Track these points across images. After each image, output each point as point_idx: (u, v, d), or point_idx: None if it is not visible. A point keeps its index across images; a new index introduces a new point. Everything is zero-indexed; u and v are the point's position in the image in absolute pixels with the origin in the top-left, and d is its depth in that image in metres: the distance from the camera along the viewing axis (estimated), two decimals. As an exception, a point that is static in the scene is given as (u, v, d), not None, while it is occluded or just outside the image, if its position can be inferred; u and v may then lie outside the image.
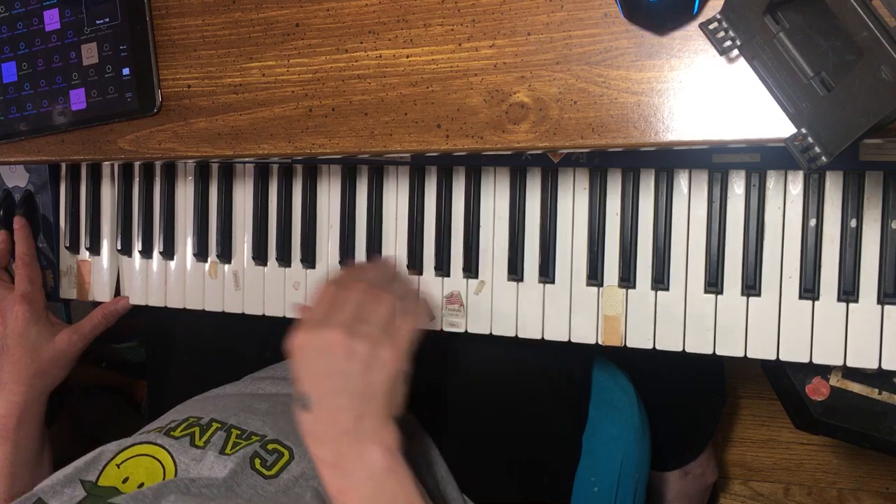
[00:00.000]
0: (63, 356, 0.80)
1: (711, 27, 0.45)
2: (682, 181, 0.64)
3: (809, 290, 0.61)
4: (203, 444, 0.62)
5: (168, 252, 0.80)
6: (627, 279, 0.65)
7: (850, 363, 0.61)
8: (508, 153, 0.57)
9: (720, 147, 0.54)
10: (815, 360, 0.61)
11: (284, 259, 0.76)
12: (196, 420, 0.65)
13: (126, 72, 0.62)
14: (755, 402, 1.26)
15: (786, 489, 1.26)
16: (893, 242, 0.59)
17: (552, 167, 0.67)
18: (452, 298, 0.71)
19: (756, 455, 1.26)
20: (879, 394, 0.65)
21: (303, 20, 0.56)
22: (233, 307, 0.78)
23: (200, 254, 0.79)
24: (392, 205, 0.73)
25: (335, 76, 0.55)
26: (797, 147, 0.43)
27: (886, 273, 0.59)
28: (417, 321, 0.59)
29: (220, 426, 0.64)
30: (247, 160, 0.75)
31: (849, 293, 0.60)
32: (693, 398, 0.98)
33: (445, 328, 0.71)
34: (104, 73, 0.59)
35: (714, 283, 0.63)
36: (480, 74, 0.52)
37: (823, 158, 0.43)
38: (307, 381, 0.56)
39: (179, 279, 0.80)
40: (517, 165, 0.68)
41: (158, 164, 0.80)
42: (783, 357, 0.62)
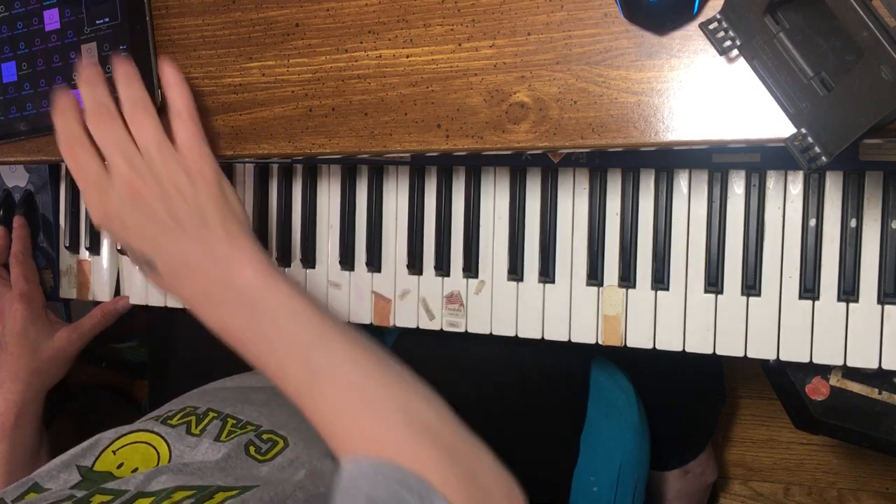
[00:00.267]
0: (62, 354, 0.80)
1: (711, 27, 0.45)
2: (682, 181, 0.64)
3: (809, 290, 0.61)
4: (199, 433, 0.62)
5: (168, 252, 0.80)
6: (627, 279, 0.65)
7: (850, 363, 0.61)
8: (508, 153, 0.57)
9: (720, 147, 0.54)
10: (815, 360, 0.61)
11: (284, 259, 0.76)
12: (193, 409, 0.66)
13: (126, 72, 0.62)
14: (755, 402, 1.26)
15: (786, 489, 1.26)
16: (893, 242, 0.59)
17: (552, 167, 0.67)
18: (452, 298, 0.71)
19: (756, 455, 1.26)
20: (879, 394, 0.65)
21: (303, 20, 0.56)
22: (233, 307, 0.78)
23: (200, 254, 0.79)
24: (392, 205, 0.73)
25: (335, 76, 0.55)
26: (797, 147, 0.43)
27: (886, 273, 0.59)
28: (189, 129, 0.55)
29: (217, 415, 0.64)
30: (246, 160, 0.75)
31: (849, 293, 0.60)
32: (692, 398, 0.99)
33: (445, 328, 0.71)
34: (104, 73, 0.59)
35: (714, 283, 0.63)
36: (480, 74, 0.52)
37: (823, 158, 0.43)
38: (136, 242, 0.54)
39: (179, 279, 0.80)
40: (517, 165, 0.68)
41: (158, 164, 0.80)
42: (783, 357, 0.62)
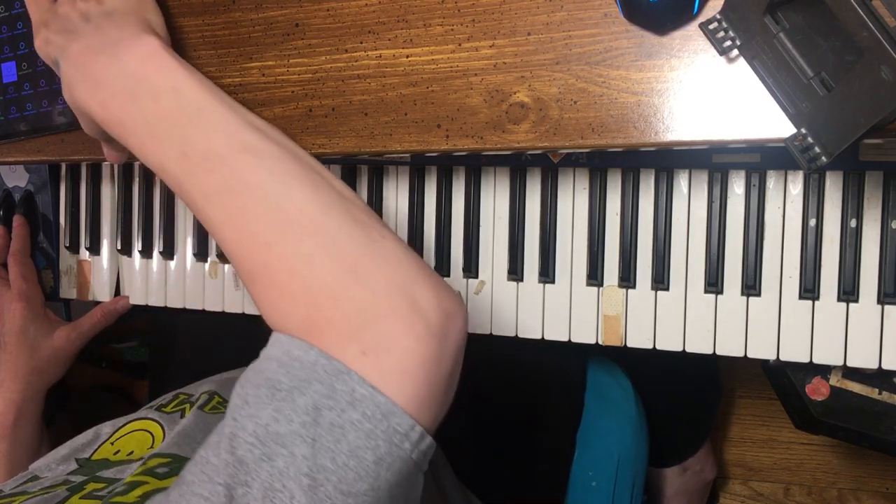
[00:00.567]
0: (61, 353, 0.80)
1: (711, 27, 0.45)
2: (682, 181, 0.64)
3: (809, 290, 0.61)
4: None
5: (168, 252, 0.80)
6: (627, 279, 0.65)
7: (850, 363, 0.61)
8: (508, 153, 0.57)
9: (720, 147, 0.54)
10: (815, 360, 0.61)
11: (284, 259, 0.76)
12: (187, 397, 0.67)
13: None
14: (755, 402, 1.26)
15: (786, 489, 1.25)
16: (893, 242, 0.59)
17: (552, 167, 0.67)
18: (452, 298, 0.71)
19: (756, 455, 1.26)
20: (879, 394, 0.65)
21: (303, 20, 0.56)
22: (233, 307, 0.78)
23: (200, 254, 0.79)
24: (392, 205, 0.73)
25: (335, 76, 0.55)
26: (797, 147, 0.43)
27: (886, 273, 0.59)
28: None
29: (207, 394, 0.65)
30: (247, 160, 0.75)
31: (849, 293, 0.60)
32: (689, 394, 0.99)
33: (445, 328, 0.71)
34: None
35: (714, 283, 0.63)
36: (480, 74, 0.52)
37: (823, 158, 0.43)
38: (53, 50, 0.53)
39: (179, 279, 0.80)
40: (517, 165, 0.68)
41: (158, 164, 0.80)
42: (783, 357, 0.62)
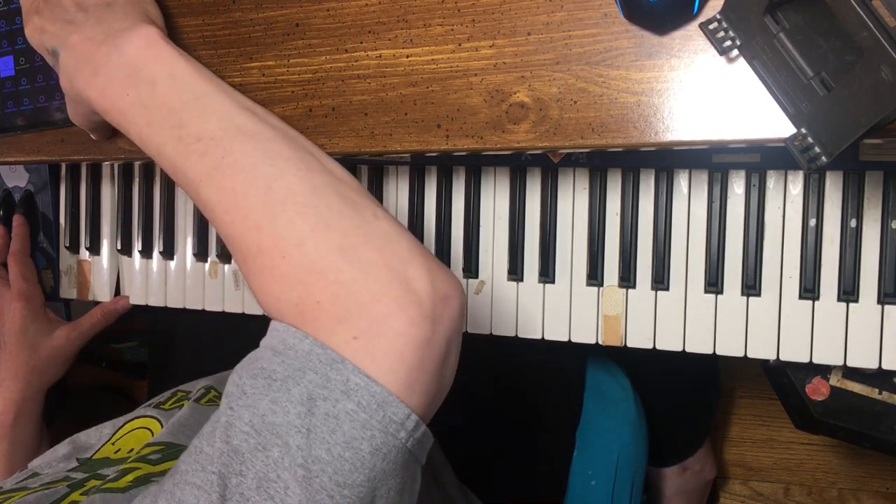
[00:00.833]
0: (61, 353, 0.80)
1: (711, 27, 0.45)
2: (682, 181, 0.64)
3: (809, 290, 0.61)
4: None
5: (168, 252, 0.80)
6: (627, 279, 0.65)
7: (850, 363, 0.61)
8: (508, 153, 0.57)
9: (720, 147, 0.54)
10: (815, 360, 0.61)
11: (284, 259, 0.76)
12: (185, 394, 0.67)
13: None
14: (755, 402, 1.26)
15: (786, 489, 1.26)
16: (893, 242, 0.59)
17: (552, 167, 0.67)
18: (452, 298, 0.71)
19: (756, 455, 1.26)
20: (879, 394, 0.65)
21: (303, 20, 0.56)
22: (233, 307, 0.78)
23: (200, 254, 0.79)
24: (392, 204, 0.73)
25: (335, 76, 0.55)
26: (797, 147, 0.43)
27: (886, 273, 0.59)
28: None
29: (204, 388, 0.66)
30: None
31: (849, 293, 0.60)
32: (688, 393, 0.99)
33: (445, 328, 0.71)
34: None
35: (714, 283, 0.63)
36: (480, 74, 0.52)
37: (823, 158, 0.43)
38: (49, 39, 0.54)
39: (179, 279, 0.80)
40: (517, 165, 0.68)
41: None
42: (783, 357, 0.62)
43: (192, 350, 0.90)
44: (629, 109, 0.49)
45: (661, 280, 0.64)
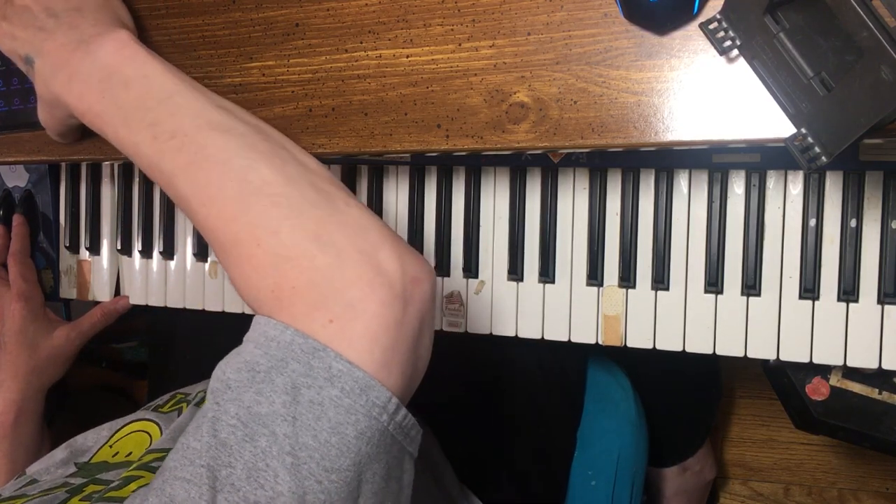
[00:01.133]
0: (61, 353, 0.80)
1: (711, 27, 0.45)
2: (682, 181, 0.64)
3: (809, 290, 0.61)
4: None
5: (168, 252, 0.80)
6: (627, 279, 0.65)
7: (850, 363, 0.61)
8: (508, 153, 0.57)
9: (720, 147, 0.54)
10: (815, 360, 0.61)
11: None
12: (184, 397, 0.67)
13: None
14: (755, 402, 1.26)
15: (786, 489, 1.26)
16: (893, 242, 0.59)
17: (552, 167, 0.67)
18: (452, 298, 0.71)
19: (756, 455, 1.26)
20: (879, 394, 0.65)
21: (303, 20, 0.56)
22: (233, 307, 0.78)
23: (200, 253, 0.79)
24: (392, 205, 0.73)
25: (335, 76, 0.55)
26: (797, 147, 0.43)
27: (886, 273, 0.59)
28: None
29: (203, 392, 0.66)
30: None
31: (849, 293, 0.60)
32: (689, 393, 0.99)
33: (445, 328, 0.71)
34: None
35: (714, 283, 0.63)
36: (480, 74, 0.52)
37: (823, 158, 0.43)
38: (21, 46, 0.54)
39: (179, 279, 0.80)
40: (517, 165, 0.68)
41: (158, 164, 0.80)
42: (783, 357, 0.62)
43: (192, 350, 0.90)
44: (629, 109, 0.49)
45: (661, 280, 0.64)
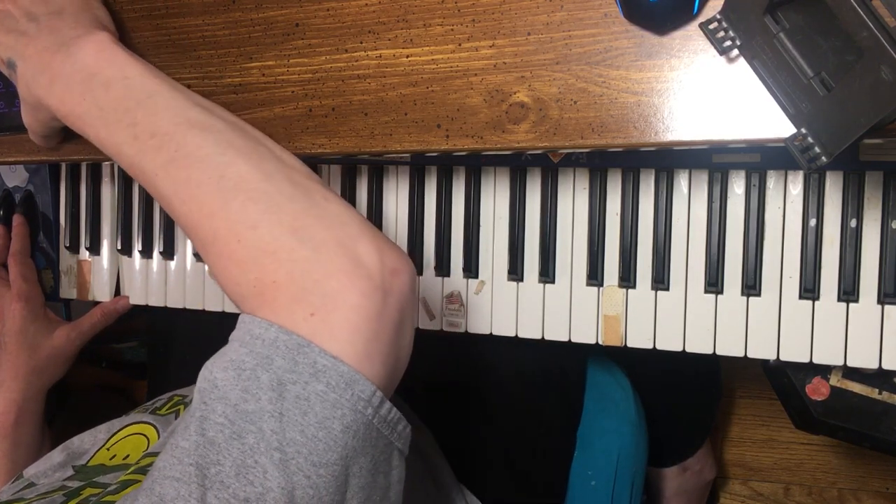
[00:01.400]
0: (61, 353, 0.80)
1: (711, 27, 0.45)
2: (682, 181, 0.64)
3: (809, 290, 0.61)
4: None
5: (168, 252, 0.80)
6: (627, 279, 0.65)
7: (850, 363, 0.61)
8: (508, 153, 0.57)
9: (720, 147, 0.54)
10: (815, 360, 0.61)
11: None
12: (181, 399, 0.67)
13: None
14: (755, 402, 1.26)
15: (786, 489, 1.26)
16: (893, 242, 0.59)
17: (552, 167, 0.67)
18: (452, 298, 0.71)
19: (756, 455, 1.26)
20: (879, 394, 0.65)
21: (303, 20, 0.56)
22: (233, 307, 0.78)
23: (200, 254, 0.79)
24: (392, 205, 0.73)
25: (335, 76, 0.55)
26: (797, 147, 0.43)
27: (886, 273, 0.59)
28: None
29: None
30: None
31: (849, 293, 0.60)
32: (689, 393, 0.99)
33: (445, 328, 0.71)
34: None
35: (714, 283, 0.63)
36: (480, 74, 0.52)
37: (823, 158, 0.43)
38: (3, 51, 0.55)
39: (179, 279, 0.80)
40: (517, 165, 0.68)
41: (158, 164, 0.80)
42: (783, 357, 0.62)
43: (192, 350, 0.90)
44: (629, 109, 0.49)
45: (662, 280, 0.64)
